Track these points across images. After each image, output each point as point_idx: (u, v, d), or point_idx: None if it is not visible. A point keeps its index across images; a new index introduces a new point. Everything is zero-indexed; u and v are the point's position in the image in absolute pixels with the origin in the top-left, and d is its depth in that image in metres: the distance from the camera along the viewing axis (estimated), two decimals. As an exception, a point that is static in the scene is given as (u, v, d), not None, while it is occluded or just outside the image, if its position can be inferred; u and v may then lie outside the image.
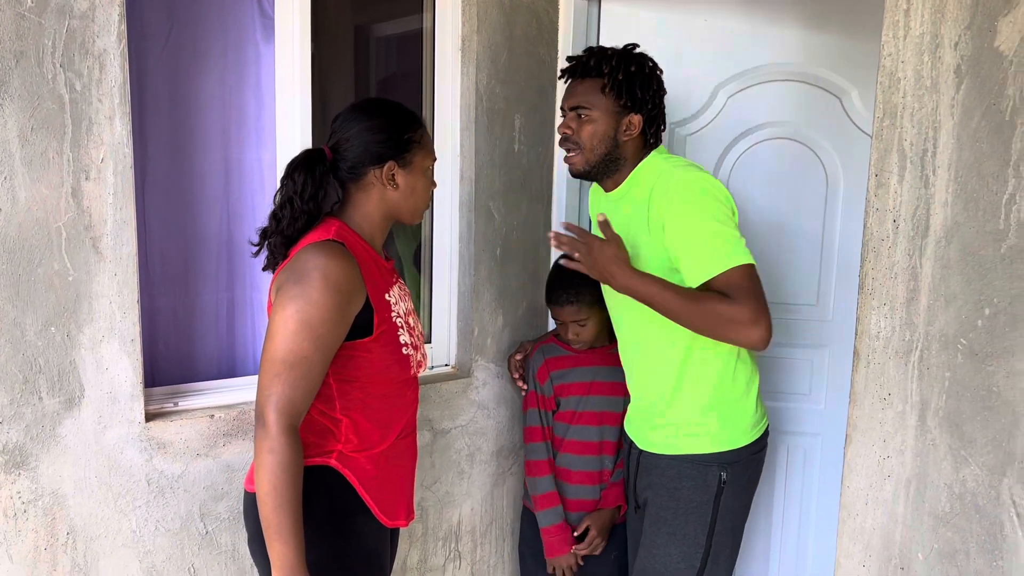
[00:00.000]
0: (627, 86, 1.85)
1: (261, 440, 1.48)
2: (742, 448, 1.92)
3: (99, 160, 1.82)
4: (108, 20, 1.79)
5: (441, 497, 2.47)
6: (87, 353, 1.85)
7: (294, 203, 1.60)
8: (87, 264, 1.82)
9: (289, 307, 1.49)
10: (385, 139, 1.63)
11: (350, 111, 1.68)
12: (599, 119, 1.87)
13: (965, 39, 1.43)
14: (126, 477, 1.93)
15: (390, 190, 1.65)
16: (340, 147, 1.65)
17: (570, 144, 1.92)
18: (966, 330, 1.47)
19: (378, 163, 1.63)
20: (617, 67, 1.84)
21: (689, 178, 1.80)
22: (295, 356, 1.49)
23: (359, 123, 1.64)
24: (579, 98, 1.89)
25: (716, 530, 1.92)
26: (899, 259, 1.55)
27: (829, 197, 2.42)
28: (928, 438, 1.53)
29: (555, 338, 2.36)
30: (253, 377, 2.26)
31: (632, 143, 1.91)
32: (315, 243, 1.57)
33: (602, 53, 1.88)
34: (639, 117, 1.88)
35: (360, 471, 1.67)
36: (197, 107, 2.16)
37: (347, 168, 1.64)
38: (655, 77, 1.91)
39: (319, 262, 1.52)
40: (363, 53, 2.56)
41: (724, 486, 1.90)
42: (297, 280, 1.51)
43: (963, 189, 1.45)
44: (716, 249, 1.70)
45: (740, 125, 2.43)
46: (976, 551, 1.48)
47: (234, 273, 2.28)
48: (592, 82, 1.88)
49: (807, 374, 2.51)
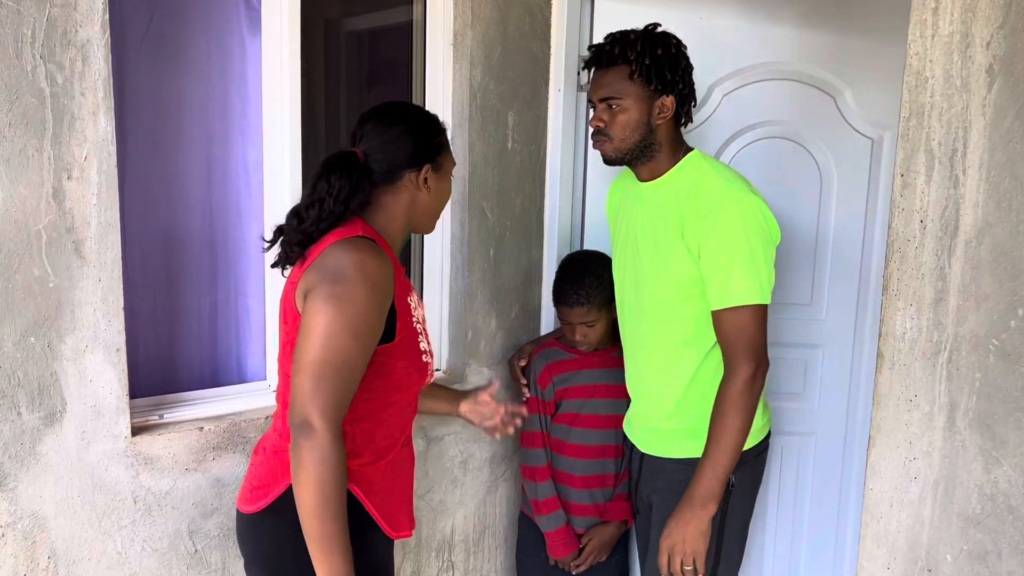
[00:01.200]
0: (656, 69, 1.79)
1: (307, 450, 1.40)
2: (748, 450, 1.90)
3: (82, 158, 1.70)
4: (91, 8, 1.68)
5: (435, 506, 2.40)
6: (69, 364, 1.73)
7: (324, 204, 1.54)
8: (69, 269, 1.71)
9: (330, 307, 1.43)
10: (420, 142, 1.63)
11: (380, 115, 1.65)
12: (631, 107, 1.81)
13: (998, 38, 1.42)
14: (111, 495, 1.82)
15: (423, 192, 1.65)
16: (373, 150, 1.62)
17: (603, 136, 1.87)
18: (998, 331, 1.46)
19: (415, 166, 1.62)
20: (643, 51, 1.79)
21: (733, 197, 1.77)
22: (339, 358, 1.42)
23: (393, 127, 1.63)
24: (608, 88, 1.83)
25: (725, 532, 1.90)
26: (926, 259, 1.54)
27: (823, 196, 2.42)
28: (957, 439, 1.53)
29: (556, 341, 2.30)
30: (241, 387, 2.17)
31: (665, 126, 1.85)
32: (347, 239, 1.52)
33: (625, 39, 1.82)
34: (671, 99, 1.83)
35: (367, 485, 1.62)
36: (179, 103, 2.05)
37: (382, 171, 1.61)
38: (681, 55, 1.86)
39: (356, 258, 1.46)
40: (351, 46, 2.47)
41: (732, 488, 1.87)
42: (335, 279, 1.45)
43: (995, 189, 1.45)
44: (743, 280, 1.74)
45: (735, 124, 2.41)
46: (1009, 552, 1.48)
47: (217, 276, 2.18)
48: (619, 70, 1.81)
49: (800, 373, 2.51)
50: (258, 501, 1.58)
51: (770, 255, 1.77)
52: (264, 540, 1.60)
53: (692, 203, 1.79)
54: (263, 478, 1.60)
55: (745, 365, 1.75)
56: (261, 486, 1.60)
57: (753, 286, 1.74)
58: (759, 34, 2.36)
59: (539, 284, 2.54)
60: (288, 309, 1.56)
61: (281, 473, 1.57)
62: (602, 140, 1.87)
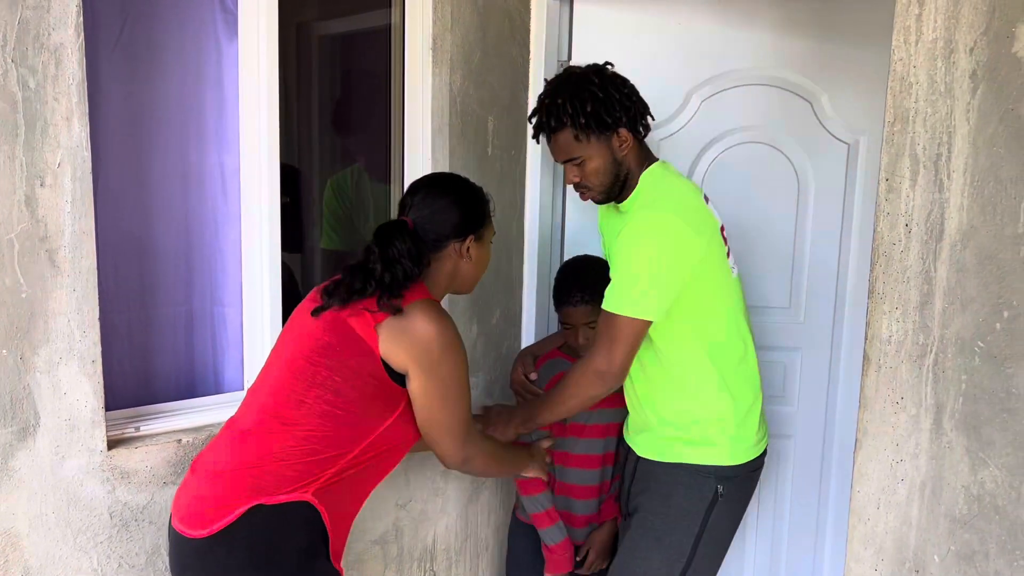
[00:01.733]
0: (595, 121, 1.84)
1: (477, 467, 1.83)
2: (742, 464, 1.91)
3: (55, 165, 1.65)
4: (65, 11, 1.63)
5: (416, 516, 2.37)
6: (43, 377, 1.68)
7: (402, 264, 1.64)
8: (43, 279, 1.66)
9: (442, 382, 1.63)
10: (467, 214, 1.74)
11: (429, 186, 1.78)
12: (594, 156, 1.88)
13: (981, 44, 1.44)
14: (87, 511, 1.77)
15: (464, 261, 1.76)
16: (422, 220, 1.72)
17: (583, 188, 1.95)
18: (984, 333, 1.48)
19: (460, 237, 1.73)
20: (576, 112, 1.84)
21: (647, 217, 1.82)
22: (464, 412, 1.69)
23: (442, 198, 1.74)
24: (565, 152, 1.90)
25: (703, 541, 1.90)
26: (911, 263, 1.56)
27: (800, 200, 2.44)
28: (944, 441, 1.54)
29: (559, 351, 2.28)
30: (218, 397, 2.12)
31: (631, 151, 1.91)
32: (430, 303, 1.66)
33: (555, 105, 1.86)
34: (624, 130, 1.88)
35: (333, 506, 1.59)
36: (154, 108, 2.00)
37: (430, 240, 1.71)
38: (611, 85, 1.87)
39: (447, 326, 1.64)
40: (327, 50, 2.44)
41: (720, 498, 1.89)
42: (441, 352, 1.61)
43: (979, 193, 1.47)
44: (620, 291, 1.80)
45: (713, 129, 2.42)
46: (996, 551, 1.50)
47: (194, 285, 2.13)
48: (564, 134, 1.88)
49: (780, 376, 2.53)
50: (209, 525, 1.52)
51: (662, 275, 1.78)
52: (211, 570, 1.55)
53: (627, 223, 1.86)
54: (214, 500, 1.55)
55: (595, 360, 1.83)
56: (212, 508, 1.54)
57: (624, 299, 1.79)
58: (736, 39, 2.38)
59: (519, 289, 2.53)
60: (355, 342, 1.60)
61: (238, 495, 1.53)
62: (585, 191, 1.96)
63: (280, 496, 1.52)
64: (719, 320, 1.88)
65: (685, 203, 1.85)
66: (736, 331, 1.91)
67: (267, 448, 1.55)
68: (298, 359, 1.62)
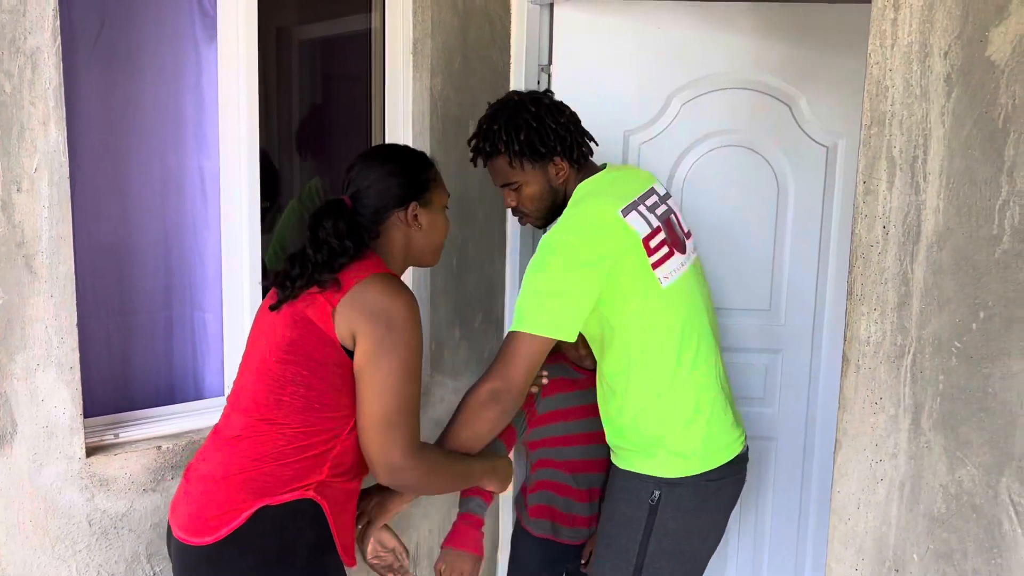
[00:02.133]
0: (529, 150, 1.87)
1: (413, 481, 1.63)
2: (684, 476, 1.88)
3: (32, 170, 1.64)
4: (41, 16, 1.62)
5: (399, 520, 2.36)
6: (20, 384, 1.66)
7: (331, 244, 1.60)
8: (19, 285, 1.64)
9: (391, 358, 1.53)
10: (405, 181, 1.69)
11: (364, 159, 1.72)
12: (529, 182, 1.92)
13: (955, 48, 1.46)
14: (65, 519, 1.76)
15: (414, 230, 1.71)
16: (360, 195, 1.68)
17: (520, 214, 2.00)
18: (960, 333, 1.50)
19: (401, 204, 1.68)
20: (510, 140, 1.87)
21: (548, 240, 1.82)
22: (407, 403, 1.56)
23: (377, 169, 1.69)
24: (501, 177, 1.94)
25: (650, 548, 1.88)
26: (889, 264, 1.57)
27: (780, 203, 2.46)
28: (922, 441, 1.56)
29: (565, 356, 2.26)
30: (198, 403, 2.11)
31: (568, 178, 1.94)
32: (384, 275, 1.60)
33: (491, 131, 1.90)
34: (559, 158, 1.90)
35: (334, 503, 1.60)
36: (132, 112, 1.99)
37: (370, 213, 1.67)
38: (546, 114, 1.89)
39: (405, 300, 1.56)
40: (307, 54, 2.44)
41: (656, 505, 1.87)
42: (389, 325, 1.53)
43: (955, 195, 1.48)
44: (519, 308, 1.81)
45: (693, 132, 2.44)
46: (974, 550, 1.51)
47: (173, 290, 2.12)
48: (500, 160, 1.92)
49: (761, 378, 2.54)
50: (215, 531, 1.52)
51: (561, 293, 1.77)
52: (225, 574, 1.54)
53: None
54: (217, 505, 1.54)
55: (489, 380, 1.78)
56: (217, 514, 1.53)
57: (522, 316, 1.79)
58: (715, 43, 2.40)
59: (502, 293, 2.54)
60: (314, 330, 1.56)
61: (242, 497, 1.53)
62: (522, 216, 2.00)
63: (283, 496, 1.53)
64: (646, 334, 1.85)
65: (590, 221, 1.82)
66: (670, 344, 1.86)
67: (261, 450, 1.55)
68: (268, 360, 1.61)
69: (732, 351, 2.51)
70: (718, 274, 2.46)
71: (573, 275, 1.78)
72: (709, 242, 2.43)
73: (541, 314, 1.77)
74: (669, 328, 1.86)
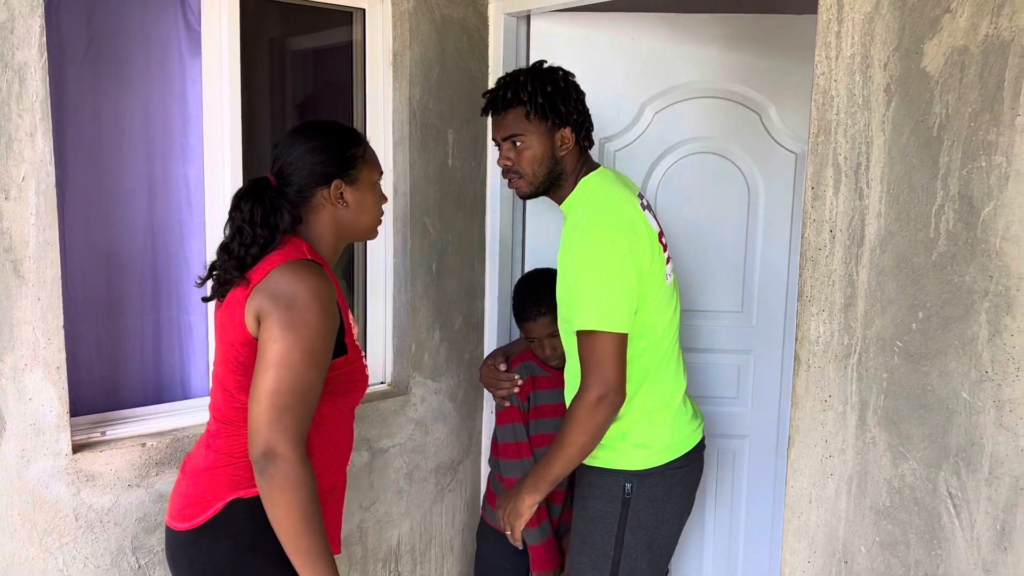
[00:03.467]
0: (550, 105, 1.88)
1: (280, 478, 1.42)
2: (651, 469, 1.94)
3: (20, 179, 1.72)
4: (28, 32, 1.71)
5: (380, 518, 2.44)
6: (8, 383, 1.75)
7: (244, 232, 1.56)
8: (8, 288, 1.72)
9: (287, 334, 1.45)
10: (328, 158, 1.62)
11: (289, 136, 1.65)
12: (535, 143, 1.90)
13: (894, 60, 1.53)
14: (52, 513, 1.83)
15: (340, 208, 1.65)
16: (284, 172, 1.62)
17: (512, 174, 1.96)
18: (902, 333, 1.56)
19: (324, 183, 1.62)
20: (535, 91, 1.88)
21: (591, 233, 1.84)
22: (303, 385, 1.46)
23: (300, 146, 1.62)
24: (509, 128, 1.92)
25: (626, 541, 1.95)
26: (836, 267, 1.63)
27: (751, 208, 2.52)
28: (868, 436, 1.62)
29: (532, 355, 2.33)
30: (183, 403, 2.19)
31: (570, 155, 1.94)
32: (294, 262, 1.53)
33: (515, 81, 1.91)
34: (569, 129, 1.92)
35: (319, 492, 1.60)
36: (119, 123, 2.07)
37: (294, 192, 1.62)
38: (571, 86, 1.94)
39: (310, 284, 1.49)
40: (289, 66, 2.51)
41: (630, 498, 1.93)
42: (289, 304, 1.47)
43: (895, 200, 1.54)
44: (588, 308, 1.81)
45: (667, 140, 2.50)
46: (916, 541, 1.57)
47: (159, 294, 2.20)
48: (516, 111, 1.90)
49: (734, 378, 2.60)
50: (193, 518, 1.57)
51: (618, 285, 1.81)
52: (199, 559, 1.58)
53: (573, 230, 1.89)
54: (197, 495, 1.59)
55: (592, 388, 1.81)
56: (195, 503, 1.58)
57: (592, 313, 1.81)
58: (687, 54, 2.46)
59: (482, 297, 2.60)
60: (236, 331, 1.54)
61: (218, 490, 1.57)
62: (514, 177, 1.96)
63: (253, 489, 1.53)
64: (651, 327, 1.91)
65: (623, 214, 1.88)
66: (659, 338, 1.93)
67: (230, 448, 1.58)
68: (218, 367, 1.62)
69: (705, 352, 2.57)
70: (691, 277, 2.53)
71: (622, 267, 1.81)
72: (682, 246, 2.49)
73: (613, 310, 1.80)
74: (663, 325, 1.94)
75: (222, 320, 1.60)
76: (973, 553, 1.51)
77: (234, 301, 1.56)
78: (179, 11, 2.11)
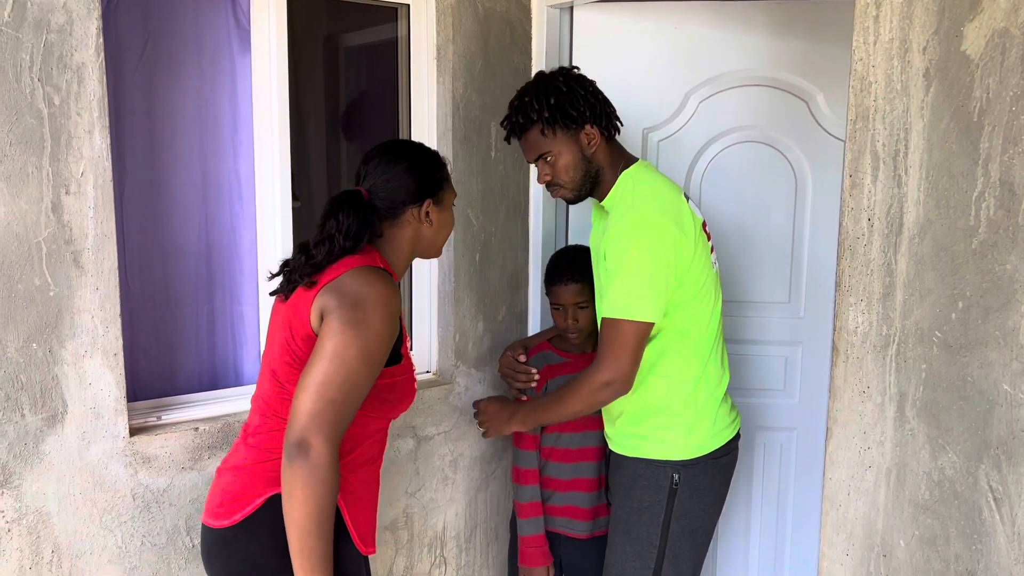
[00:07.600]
0: (561, 114, 1.91)
1: (308, 471, 1.43)
2: (699, 456, 1.96)
3: (79, 174, 1.81)
4: (86, 34, 1.79)
5: (425, 504, 2.48)
6: (69, 368, 1.83)
7: (335, 240, 1.62)
8: (68, 279, 1.81)
9: (348, 330, 1.49)
10: (423, 178, 1.72)
11: (382, 154, 1.74)
12: (563, 152, 1.94)
13: (933, 44, 1.49)
14: (111, 493, 1.92)
15: (425, 226, 1.74)
16: (377, 189, 1.71)
17: (553, 187, 2.01)
18: (941, 323, 1.53)
19: (416, 201, 1.71)
20: (541, 107, 1.91)
21: (633, 219, 1.86)
22: (352, 383, 1.48)
23: (395, 165, 1.71)
24: (535, 150, 1.97)
25: (671, 531, 1.96)
26: (874, 256, 1.61)
27: (798, 197, 2.48)
28: (907, 428, 1.59)
29: (549, 344, 2.35)
30: (235, 389, 2.26)
31: (600, 149, 1.96)
32: (368, 267, 1.59)
33: (522, 103, 1.95)
34: (590, 126, 1.94)
35: (347, 493, 1.64)
36: (173, 120, 2.15)
37: (385, 208, 1.70)
38: (576, 85, 1.94)
39: (379, 289, 1.54)
40: (337, 62, 2.57)
41: (677, 487, 1.94)
42: (356, 304, 1.51)
43: (934, 188, 1.51)
44: (618, 296, 1.85)
45: (711, 129, 2.48)
46: (956, 536, 1.54)
47: (213, 284, 2.28)
48: (533, 131, 1.95)
49: (781, 370, 2.57)
50: (231, 516, 1.59)
51: (656, 275, 1.83)
52: (236, 557, 1.60)
53: (611, 224, 1.91)
54: (235, 493, 1.61)
55: (603, 371, 1.86)
56: (232, 500, 1.60)
57: (620, 302, 1.83)
58: (732, 42, 2.44)
59: (525, 287, 2.62)
60: (300, 326, 1.58)
61: (256, 487, 1.59)
62: (557, 189, 2.00)
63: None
64: (699, 317, 1.93)
65: (669, 203, 1.90)
66: (710, 327, 1.96)
67: (274, 444, 1.60)
68: (275, 360, 1.65)
69: (752, 343, 2.55)
70: (737, 267, 2.51)
71: (665, 257, 1.83)
72: (728, 236, 2.47)
73: (641, 300, 1.83)
74: (708, 314, 1.95)
75: (286, 315, 1.64)
76: (1014, 548, 1.47)
77: (300, 298, 1.61)
78: (229, 10, 2.18)
